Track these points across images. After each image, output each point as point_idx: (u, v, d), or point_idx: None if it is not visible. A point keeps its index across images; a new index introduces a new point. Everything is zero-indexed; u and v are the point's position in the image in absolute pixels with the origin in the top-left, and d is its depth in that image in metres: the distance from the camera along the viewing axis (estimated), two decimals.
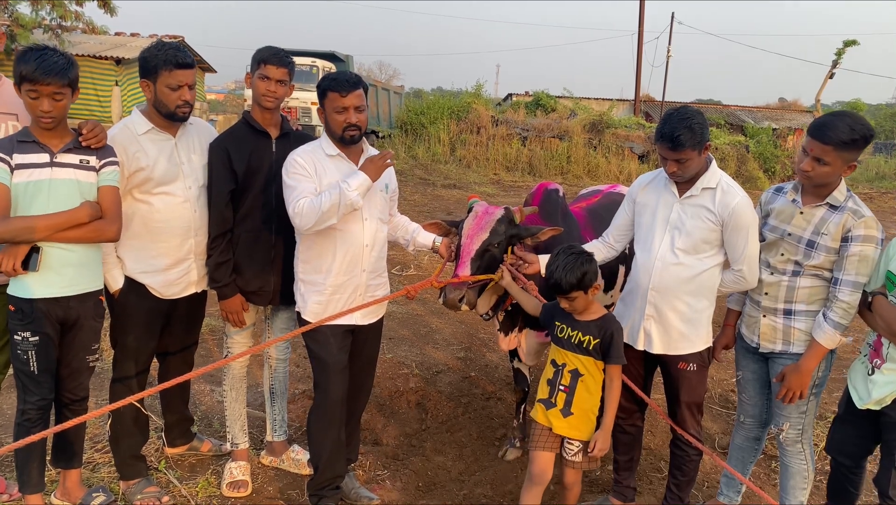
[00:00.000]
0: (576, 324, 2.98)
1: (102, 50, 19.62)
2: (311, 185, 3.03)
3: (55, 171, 2.76)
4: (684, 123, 2.84)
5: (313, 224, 2.95)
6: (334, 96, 3.01)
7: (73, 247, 2.81)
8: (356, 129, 3.07)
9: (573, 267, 2.85)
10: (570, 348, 2.98)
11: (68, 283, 2.83)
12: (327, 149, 3.14)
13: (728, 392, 5.16)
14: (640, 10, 26.91)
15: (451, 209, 13.10)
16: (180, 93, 3.04)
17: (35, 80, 2.62)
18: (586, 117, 21.92)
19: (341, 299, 3.19)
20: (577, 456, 3.01)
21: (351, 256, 3.14)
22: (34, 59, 2.63)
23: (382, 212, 3.28)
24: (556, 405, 3.00)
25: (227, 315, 3.38)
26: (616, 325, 2.97)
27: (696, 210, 3.01)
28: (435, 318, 6.61)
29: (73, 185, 2.79)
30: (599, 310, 3.01)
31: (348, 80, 3.02)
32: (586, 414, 2.98)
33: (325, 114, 3.10)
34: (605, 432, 2.95)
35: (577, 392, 2.97)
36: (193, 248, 3.25)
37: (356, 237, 3.13)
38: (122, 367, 3.27)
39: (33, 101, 2.67)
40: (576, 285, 2.85)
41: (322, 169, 3.09)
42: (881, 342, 2.80)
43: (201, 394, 4.60)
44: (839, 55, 24.18)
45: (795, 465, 3.14)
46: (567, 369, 2.99)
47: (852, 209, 2.83)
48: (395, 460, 3.97)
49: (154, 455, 3.71)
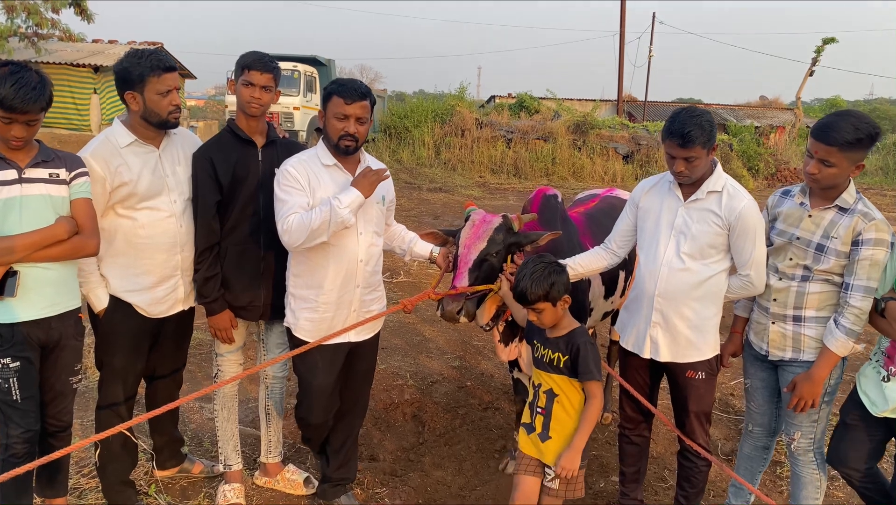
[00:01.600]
0: (547, 342, 2.85)
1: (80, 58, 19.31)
2: (303, 199, 2.91)
3: (25, 188, 2.60)
4: (694, 121, 2.76)
5: (303, 242, 2.85)
6: (338, 101, 2.92)
7: (50, 265, 2.67)
8: (352, 140, 2.96)
9: (541, 277, 2.71)
10: (543, 368, 2.86)
11: (49, 302, 2.69)
12: (323, 158, 3.03)
13: (728, 396, 5.09)
14: (622, 10, 26.96)
15: (438, 213, 13.01)
16: (171, 97, 2.93)
17: (12, 109, 2.48)
18: (570, 118, 21.94)
19: (334, 316, 3.09)
20: (553, 482, 2.82)
21: (345, 271, 3.04)
22: (10, 84, 2.47)
23: (378, 225, 3.19)
24: (536, 429, 2.86)
25: (216, 332, 3.26)
26: (584, 338, 2.80)
27: (701, 214, 2.93)
28: (428, 326, 6.50)
29: (45, 201, 2.64)
30: (570, 324, 2.87)
31: (356, 89, 2.94)
32: (565, 438, 2.79)
33: (325, 118, 3.00)
34: (573, 451, 2.72)
35: (553, 414, 2.81)
36: (180, 264, 3.12)
37: (351, 252, 3.03)
38: (109, 391, 3.12)
39: (4, 126, 2.52)
40: (543, 297, 2.72)
41: (316, 180, 2.98)
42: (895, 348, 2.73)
43: (190, 412, 4.46)
44: (818, 53, 24.31)
45: (808, 474, 3.06)
46: (542, 390, 2.86)
47: (862, 212, 2.75)
48: (394, 477, 3.85)
49: (143, 479, 3.56)
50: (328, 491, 3.41)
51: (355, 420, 3.42)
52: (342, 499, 3.40)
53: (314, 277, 3.04)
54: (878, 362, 2.83)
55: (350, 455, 3.44)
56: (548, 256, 2.92)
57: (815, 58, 24.32)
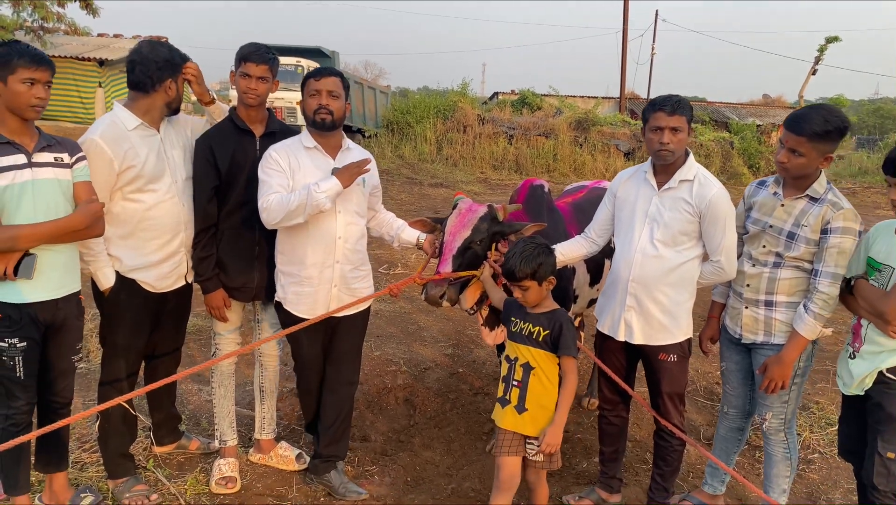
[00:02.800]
0: (527, 316, 3.00)
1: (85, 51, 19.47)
2: (284, 181, 3.13)
3: (36, 172, 2.72)
4: (676, 97, 3.00)
5: (279, 220, 3.08)
6: (310, 81, 3.20)
7: (61, 248, 2.80)
8: (327, 113, 3.16)
9: (530, 256, 2.88)
10: (521, 341, 2.99)
11: (57, 285, 2.82)
12: (305, 141, 3.26)
13: (713, 384, 5.21)
14: (625, 8, 27.02)
15: (439, 208, 13.12)
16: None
17: (40, 62, 2.65)
18: (572, 115, 21.99)
19: (317, 291, 3.28)
20: (538, 455, 2.96)
21: (323, 247, 3.23)
22: (26, 47, 2.64)
23: (359, 205, 3.36)
24: (511, 402, 2.98)
25: (211, 310, 3.42)
26: (566, 318, 2.97)
27: (674, 202, 3.06)
28: (422, 315, 6.63)
29: (55, 185, 2.77)
30: (552, 305, 3.03)
31: (326, 68, 3.24)
32: (542, 409, 2.93)
33: (304, 102, 3.24)
34: (556, 427, 2.87)
35: (529, 386, 2.94)
36: (184, 241, 3.29)
37: (329, 229, 3.23)
38: (112, 366, 3.26)
39: (27, 90, 2.65)
40: (530, 275, 2.88)
41: (296, 162, 3.19)
42: (860, 324, 2.85)
43: (188, 393, 4.60)
44: (821, 52, 24.39)
45: (779, 453, 3.19)
46: (519, 364, 2.99)
47: (832, 201, 2.88)
48: (384, 456, 3.99)
49: (142, 454, 3.70)
50: (318, 466, 3.55)
51: (344, 398, 3.53)
52: (331, 474, 3.53)
53: (296, 254, 3.25)
54: (848, 343, 2.94)
55: (341, 434, 3.56)
56: (539, 237, 3.07)
57: (819, 57, 24.38)
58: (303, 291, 3.28)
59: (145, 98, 3.12)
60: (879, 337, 2.76)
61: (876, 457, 2.78)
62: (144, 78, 3.08)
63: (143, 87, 3.10)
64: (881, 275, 2.77)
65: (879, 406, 2.76)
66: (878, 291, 2.76)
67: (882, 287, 2.75)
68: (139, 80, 3.09)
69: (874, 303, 2.74)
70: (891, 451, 2.75)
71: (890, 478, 2.77)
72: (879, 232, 2.85)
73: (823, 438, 4.38)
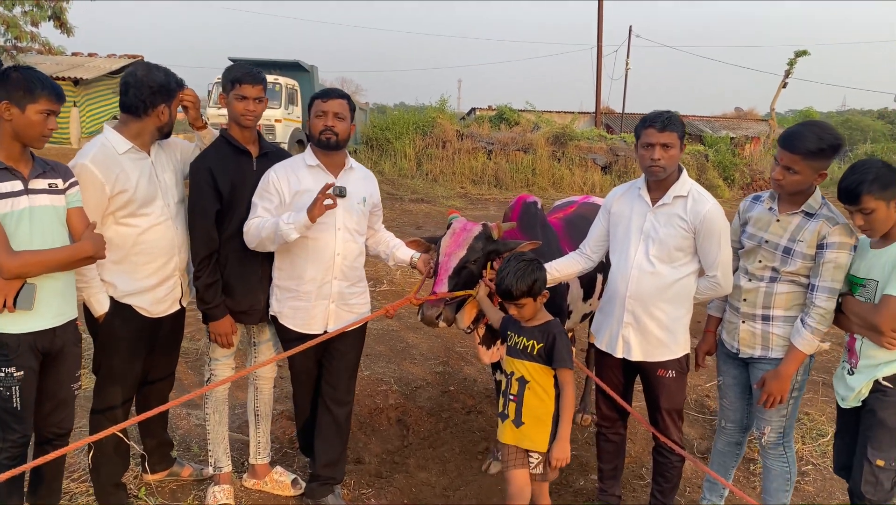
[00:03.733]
0: (522, 330, 3.01)
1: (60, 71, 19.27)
2: (271, 205, 3.21)
3: (32, 199, 2.66)
4: (667, 113, 3.01)
5: (254, 245, 3.20)
6: (317, 102, 3.23)
7: (58, 275, 2.74)
8: (332, 134, 3.19)
9: (524, 274, 2.88)
10: (516, 355, 3.01)
11: (56, 312, 2.75)
12: (308, 159, 3.29)
13: (703, 397, 5.24)
14: (599, 24, 27.38)
15: (420, 223, 13.13)
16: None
17: (61, 98, 2.67)
18: (549, 130, 22.21)
19: (315, 305, 3.30)
20: (538, 468, 2.98)
21: (322, 263, 3.26)
22: (47, 79, 2.64)
23: (359, 224, 3.38)
24: (509, 416, 3.00)
25: (216, 337, 3.36)
26: (559, 329, 2.97)
27: (668, 218, 3.07)
28: (411, 333, 6.60)
29: (51, 212, 2.71)
30: (545, 316, 3.04)
31: (334, 91, 3.28)
32: (539, 422, 2.94)
33: (310, 121, 3.26)
34: (562, 441, 2.89)
35: (525, 400, 2.95)
36: (178, 265, 3.24)
37: (328, 246, 3.26)
38: (106, 394, 3.19)
39: (43, 120, 2.63)
40: (526, 292, 2.88)
41: (297, 181, 3.23)
42: (854, 339, 2.89)
43: (178, 418, 4.52)
44: (791, 65, 24.85)
45: (777, 467, 3.20)
46: (514, 378, 3.00)
47: (827, 216, 2.91)
48: (379, 478, 3.94)
49: (133, 482, 3.62)
50: (316, 490, 3.50)
51: (339, 419, 3.48)
52: (329, 498, 3.49)
53: (294, 269, 3.28)
54: (844, 360, 2.97)
55: (337, 456, 3.52)
56: (528, 253, 3.06)
57: (789, 70, 24.86)
58: (300, 306, 3.30)
59: (137, 122, 3.08)
60: (874, 350, 2.80)
61: (865, 464, 2.80)
62: (137, 102, 3.03)
63: (136, 110, 3.05)
64: (866, 289, 2.82)
65: (872, 413, 2.79)
66: (867, 305, 2.80)
67: (869, 301, 2.79)
68: (132, 103, 3.04)
69: (865, 316, 2.78)
70: (880, 458, 2.77)
71: (878, 487, 2.79)
72: (857, 250, 2.90)
73: (816, 450, 4.41)
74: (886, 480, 2.78)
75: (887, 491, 2.80)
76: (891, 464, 2.77)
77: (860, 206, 2.72)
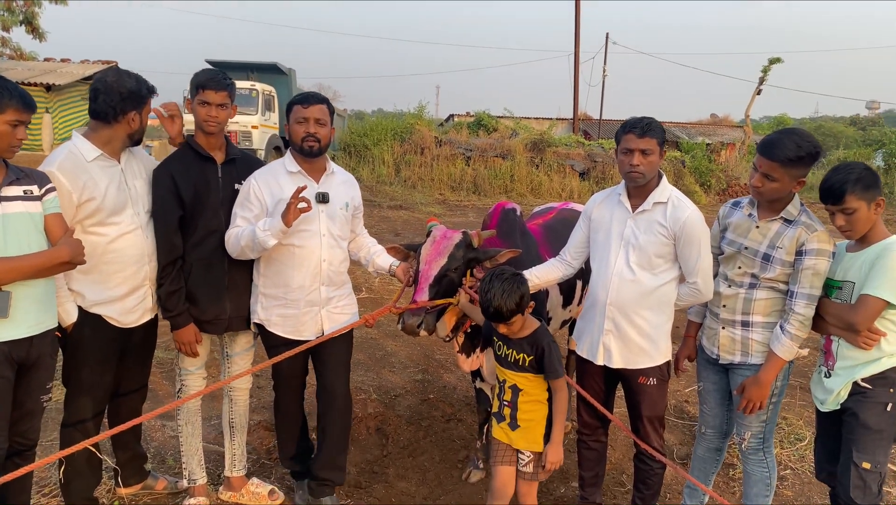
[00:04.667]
0: (510, 342, 2.99)
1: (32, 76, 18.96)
2: (250, 214, 3.18)
3: (5, 207, 2.59)
4: (647, 119, 3.01)
5: (236, 255, 3.19)
6: (297, 108, 3.18)
7: (36, 282, 2.66)
8: (314, 141, 3.17)
9: (511, 293, 2.83)
10: (507, 366, 3.01)
11: (34, 321, 2.68)
12: (289, 165, 3.26)
13: (683, 403, 5.24)
14: (576, 31, 27.55)
15: (399, 230, 13.08)
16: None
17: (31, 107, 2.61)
18: (527, 136, 22.24)
19: (304, 312, 3.29)
20: (528, 466, 3.02)
21: (308, 270, 3.25)
22: (16, 87, 2.57)
23: (342, 228, 3.39)
24: (505, 419, 3.04)
25: (181, 346, 3.30)
26: (547, 338, 2.95)
27: (648, 225, 3.06)
28: (390, 340, 6.55)
29: (26, 219, 2.64)
30: (531, 325, 3.00)
31: (313, 95, 3.23)
32: (534, 424, 2.99)
33: (290, 127, 3.23)
34: (556, 445, 2.93)
35: (519, 406, 2.99)
36: (148, 274, 3.18)
37: (314, 252, 3.24)
38: (76, 406, 3.11)
39: (11, 131, 2.57)
40: (515, 310, 2.86)
41: (279, 188, 3.20)
42: (830, 340, 2.91)
43: (152, 430, 4.43)
44: (765, 72, 25.12)
45: (758, 472, 3.20)
46: (507, 385, 3.03)
47: (805, 223, 2.92)
48: (358, 489, 3.89)
49: (106, 496, 3.54)
50: (315, 488, 3.50)
51: (334, 419, 3.47)
52: (326, 499, 3.48)
53: (281, 277, 3.25)
54: (821, 364, 2.98)
55: (336, 459, 3.51)
56: (508, 269, 3.01)
57: (763, 77, 25.13)
58: (288, 314, 3.28)
59: (107, 128, 3.02)
60: (851, 351, 2.82)
61: (852, 469, 2.79)
62: (107, 108, 2.97)
63: (106, 117, 2.99)
64: (842, 291, 2.86)
65: (854, 416, 2.80)
66: (843, 305, 2.83)
67: (845, 302, 2.82)
68: (102, 109, 2.98)
69: (842, 316, 2.81)
70: (866, 460, 2.78)
71: (867, 491, 2.79)
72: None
73: (794, 454, 4.43)
74: (874, 483, 2.79)
75: (875, 494, 2.80)
76: (876, 466, 2.78)
77: (843, 205, 2.77)
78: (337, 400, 3.45)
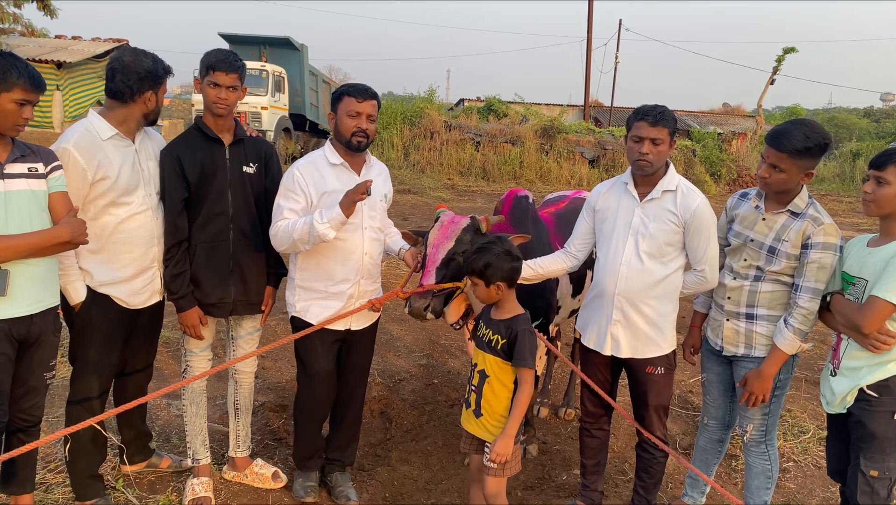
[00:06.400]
0: (490, 322, 2.95)
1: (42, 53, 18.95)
2: (297, 206, 3.13)
3: (7, 183, 2.59)
4: (661, 107, 2.98)
5: (285, 248, 3.14)
6: (350, 101, 3.14)
7: (36, 261, 2.66)
8: (364, 136, 3.16)
9: (482, 254, 2.79)
10: (482, 347, 2.95)
11: (34, 299, 2.68)
12: (331, 157, 3.23)
13: (687, 393, 5.24)
14: (589, 16, 27.36)
15: (407, 214, 13.08)
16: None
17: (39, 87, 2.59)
18: (538, 123, 22.16)
19: (345, 306, 3.31)
20: (490, 462, 2.89)
21: (352, 264, 3.27)
22: (26, 66, 2.54)
23: (382, 220, 3.43)
24: (471, 405, 2.97)
25: (185, 328, 3.31)
26: (525, 326, 2.87)
27: (658, 213, 3.05)
28: (396, 325, 6.56)
29: (29, 197, 2.64)
30: (514, 310, 2.94)
31: (367, 90, 3.19)
32: (495, 415, 2.89)
33: (337, 118, 3.19)
34: (506, 437, 2.80)
35: (483, 393, 2.91)
36: (157, 256, 3.18)
37: (357, 247, 3.26)
38: (83, 384, 3.13)
39: (17, 110, 2.55)
40: (477, 271, 2.80)
41: (322, 179, 3.18)
42: (840, 339, 2.86)
43: (158, 408, 4.46)
44: (779, 62, 24.90)
45: (759, 465, 3.20)
46: (476, 370, 2.96)
47: (813, 216, 2.89)
48: (361, 471, 3.91)
49: (111, 473, 3.57)
50: (325, 466, 3.61)
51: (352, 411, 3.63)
52: (337, 476, 3.57)
53: (321, 270, 3.26)
54: (829, 360, 2.95)
55: (350, 442, 3.67)
56: (508, 242, 2.93)
57: (776, 67, 24.92)
58: (330, 306, 3.29)
59: (123, 108, 3.01)
60: (858, 352, 2.76)
61: (859, 476, 2.76)
62: (124, 87, 2.97)
63: (122, 96, 2.98)
64: (855, 288, 2.78)
65: (861, 424, 2.75)
66: (852, 304, 2.76)
67: (857, 300, 2.75)
68: (118, 89, 2.97)
69: (849, 316, 2.73)
70: (873, 469, 2.73)
71: (874, 496, 2.76)
72: (852, 246, 2.87)
73: (797, 447, 4.43)
74: (882, 489, 2.76)
75: (884, 498, 2.77)
76: (885, 473, 2.74)
77: (880, 172, 2.67)
78: (354, 403, 3.60)
